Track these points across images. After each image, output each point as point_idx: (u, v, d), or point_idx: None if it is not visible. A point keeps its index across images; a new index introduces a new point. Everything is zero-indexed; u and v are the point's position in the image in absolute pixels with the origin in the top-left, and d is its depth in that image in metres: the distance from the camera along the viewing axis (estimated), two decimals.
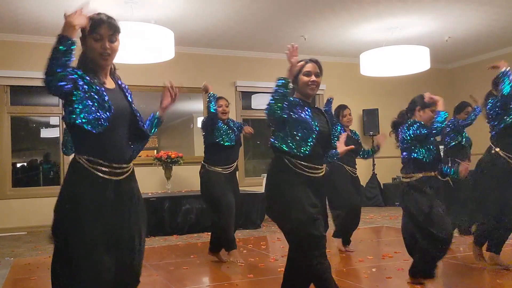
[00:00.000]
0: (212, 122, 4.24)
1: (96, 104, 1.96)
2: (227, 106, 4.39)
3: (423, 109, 3.30)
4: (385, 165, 9.03)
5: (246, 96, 8.77)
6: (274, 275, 3.81)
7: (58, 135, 7.71)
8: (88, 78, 1.99)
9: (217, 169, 4.29)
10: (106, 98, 1.99)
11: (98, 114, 1.96)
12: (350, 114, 4.84)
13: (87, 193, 1.97)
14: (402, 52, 7.09)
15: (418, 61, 7.23)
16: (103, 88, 2.02)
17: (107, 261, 1.97)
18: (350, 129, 4.89)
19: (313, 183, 2.57)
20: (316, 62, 2.68)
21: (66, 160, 7.37)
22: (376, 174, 9.12)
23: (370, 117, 9.22)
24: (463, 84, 9.75)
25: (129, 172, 2.10)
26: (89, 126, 1.95)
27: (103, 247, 1.96)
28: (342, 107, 4.83)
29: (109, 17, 2.07)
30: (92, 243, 1.94)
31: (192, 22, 6.94)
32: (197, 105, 8.43)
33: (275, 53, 8.56)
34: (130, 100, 2.16)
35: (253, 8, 6.49)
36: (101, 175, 1.98)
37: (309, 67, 2.65)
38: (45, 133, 8.47)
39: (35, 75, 7.28)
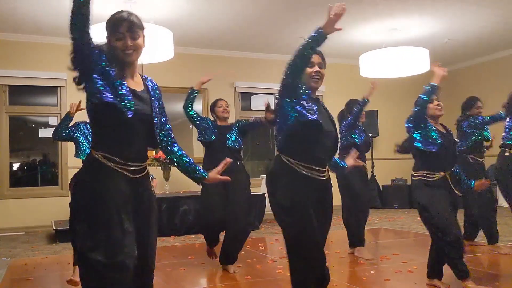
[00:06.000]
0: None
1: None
2: (227, 106, 4.46)
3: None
4: (384, 167, 9.01)
5: (245, 97, 8.75)
6: (272, 277, 3.80)
7: None
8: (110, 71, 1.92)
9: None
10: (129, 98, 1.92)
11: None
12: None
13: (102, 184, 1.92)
14: (401, 54, 7.09)
15: (418, 62, 7.22)
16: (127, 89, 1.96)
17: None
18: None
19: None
20: (319, 53, 2.43)
21: (65, 161, 7.36)
22: (375, 176, 9.11)
23: (370, 119, 9.20)
24: (463, 86, 9.72)
25: (142, 174, 2.02)
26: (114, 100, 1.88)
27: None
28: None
29: (129, 14, 2.02)
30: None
31: (192, 23, 6.93)
32: (196, 106, 8.38)
33: (274, 54, 8.55)
34: (154, 105, 2.06)
35: (252, 9, 6.49)
36: (114, 167, 1.92)
37: (311, 57, 2.36)
38: (43, 133, 8.44)
39: (34, 75, 7.29)
